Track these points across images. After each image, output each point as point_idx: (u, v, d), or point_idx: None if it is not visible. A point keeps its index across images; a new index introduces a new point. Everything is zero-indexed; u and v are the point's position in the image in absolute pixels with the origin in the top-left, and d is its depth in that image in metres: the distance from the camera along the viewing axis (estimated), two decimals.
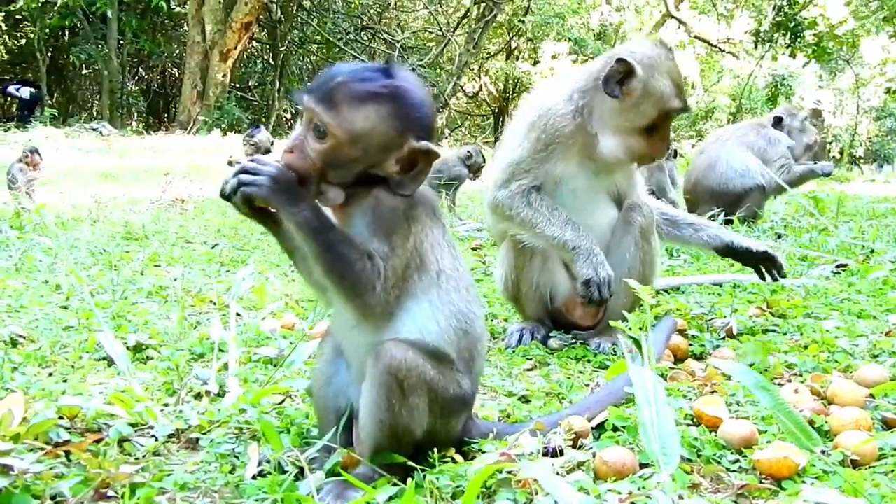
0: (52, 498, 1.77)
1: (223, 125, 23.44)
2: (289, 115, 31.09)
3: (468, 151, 8.94)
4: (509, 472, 1.82)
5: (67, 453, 1.96)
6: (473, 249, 5.89)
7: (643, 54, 3.11)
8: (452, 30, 30.56)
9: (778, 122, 7.12)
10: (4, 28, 27.90)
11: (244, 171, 1.81)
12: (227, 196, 1.86)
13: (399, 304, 1.86)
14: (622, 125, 3.11)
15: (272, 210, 1.86)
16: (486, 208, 3.37)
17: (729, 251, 3.46)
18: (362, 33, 31.51)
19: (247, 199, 1.82)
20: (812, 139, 7.24)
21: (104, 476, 1.77)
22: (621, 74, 3.06)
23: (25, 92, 24.90)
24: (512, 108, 34.63)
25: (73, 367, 2.88)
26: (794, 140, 7.05)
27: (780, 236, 6.13)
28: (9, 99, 26.79)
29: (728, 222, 6.26)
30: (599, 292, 3.02)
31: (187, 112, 24.81)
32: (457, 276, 1.95)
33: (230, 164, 8.83)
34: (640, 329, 1.97)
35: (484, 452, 1.98)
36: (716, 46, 32.16)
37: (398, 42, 30.39)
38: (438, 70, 31.51)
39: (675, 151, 9.75)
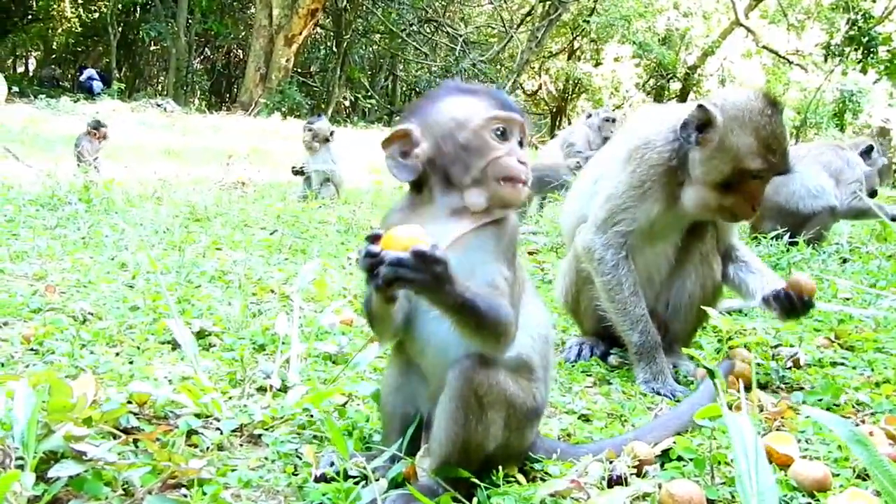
0: (122, 485, 1.80)
1: (283, 109, 23.74)
2: (347, 103, 31.32)
3: (578, 163, 9.02)
4: (574, 499, 1.80)
5: (136, 441, 2.00)
6: (530, 254, 5.85)
7: (732, 104, 2.90)
8: (516, 27, 30.43)
9: (869, 152, 6.93)
10: (80, 1, 28.61)
11: (402, 265, 1.61)
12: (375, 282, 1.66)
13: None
14: (699, 177, 2.92)
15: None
16: (577, 243, 3.19)
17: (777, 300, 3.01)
18: (425, 25, 31.55)
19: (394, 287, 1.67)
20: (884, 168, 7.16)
21: (173, 469, 1.79)
22: (700, 122, 2.89)
23: (97, 86, 25.55)
24: (570, 109, 34.43)
25: (139, 348, 2.94)
26: (871, 168, 6.88)
27: (845, 261, 5.97)
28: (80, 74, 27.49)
29: (793, 244, 6.12)
30: (659, 394, 2.92)
31: (249, 94, 25.17)
32: (528, 277, 1.99)
33: (295, 172, 8.85)
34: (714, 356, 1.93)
35: (548, 474, 1.97)
36: (784, 58, 31.45)
37: (461, 36, 30.36)
38: (499, 66, 31.41)
39: None
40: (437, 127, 1.87)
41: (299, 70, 28.96)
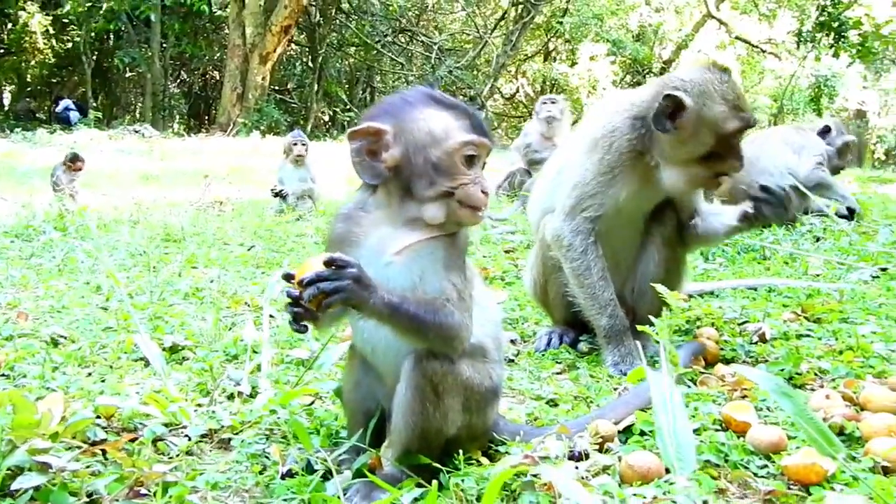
0: (88, 495, 1.83)
1: (262, 127, 23.71)
2: (326, 118, 31.34)
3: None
4: (534, 476, 1.84)
5: (104, 452, 2.03)
6: (506, 252, 5.89)
7: (693, 83, 3.00)
8: (490, 31, 30.55)
9: (826, 132, 7.07)
10: (52, 32, 28.54)
11: (321, 279, 1.67)
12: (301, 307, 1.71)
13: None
14: (681, 157, 3.00)
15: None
16: (546, 232, 3.26)
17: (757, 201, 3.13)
18: (400, 36, 31.63)
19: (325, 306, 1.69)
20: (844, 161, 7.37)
21: (138, 475, 1.82)
22: (671, 109, 2.96)
23: (74, 116, 25.50)
24: None
25: (111, 367, 2.96)
26: (830, 147, 7.03)
27: (818, 239, 6.03)
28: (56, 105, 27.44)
29: (766, 226, 6.17)
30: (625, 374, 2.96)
31: (227, 114, 25.16)
32: (476, 272, 2.04)
33: (276, 195, 8.76)
34: (665, 333, 1.98)
35: (509, 455, 2.00)
36: (757, 47, 31.67)
37: (436, 44, 30.45)
38: (475, 72, 31.51)
39: None
40: (411, 137, 1.86)
41: (276, 87, 28.95)
